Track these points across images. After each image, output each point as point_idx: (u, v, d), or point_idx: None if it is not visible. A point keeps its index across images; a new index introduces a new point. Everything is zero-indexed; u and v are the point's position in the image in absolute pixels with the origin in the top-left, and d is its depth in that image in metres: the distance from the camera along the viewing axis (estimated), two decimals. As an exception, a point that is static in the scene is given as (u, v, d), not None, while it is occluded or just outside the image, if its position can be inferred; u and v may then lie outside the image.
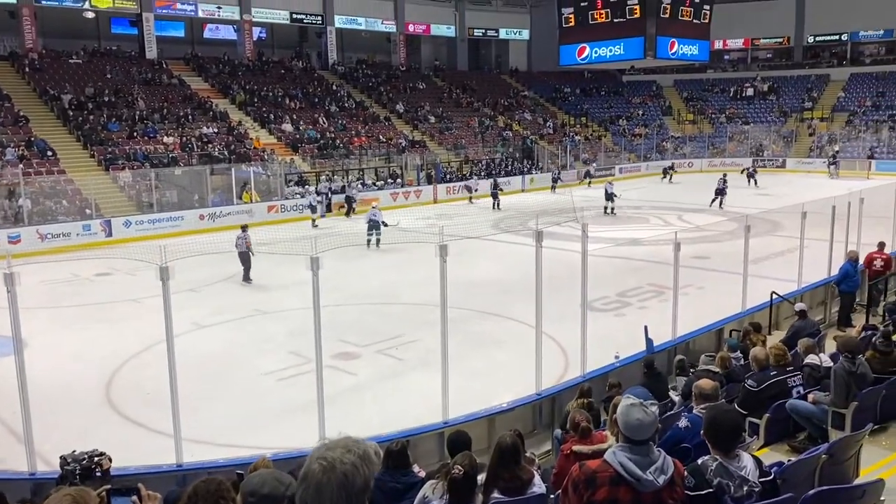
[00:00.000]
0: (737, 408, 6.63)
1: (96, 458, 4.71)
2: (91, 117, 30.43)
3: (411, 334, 12.49)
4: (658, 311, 12.90)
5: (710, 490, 3.40)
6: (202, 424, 8.92)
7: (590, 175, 39.62)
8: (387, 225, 21.72)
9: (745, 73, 53.67)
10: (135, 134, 30.52)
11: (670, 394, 8.64)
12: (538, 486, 4.56)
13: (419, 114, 42.80)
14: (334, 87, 42.06)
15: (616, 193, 28.39)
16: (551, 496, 4.72)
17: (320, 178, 31.64)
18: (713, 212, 26.89)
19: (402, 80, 46.51)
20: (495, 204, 30.90)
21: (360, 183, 32.02)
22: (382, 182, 33.95)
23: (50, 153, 27.34)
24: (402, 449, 5.14)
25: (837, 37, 51.69)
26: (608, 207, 28.16)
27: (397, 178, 34.50)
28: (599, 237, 17.01)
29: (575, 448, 5.44)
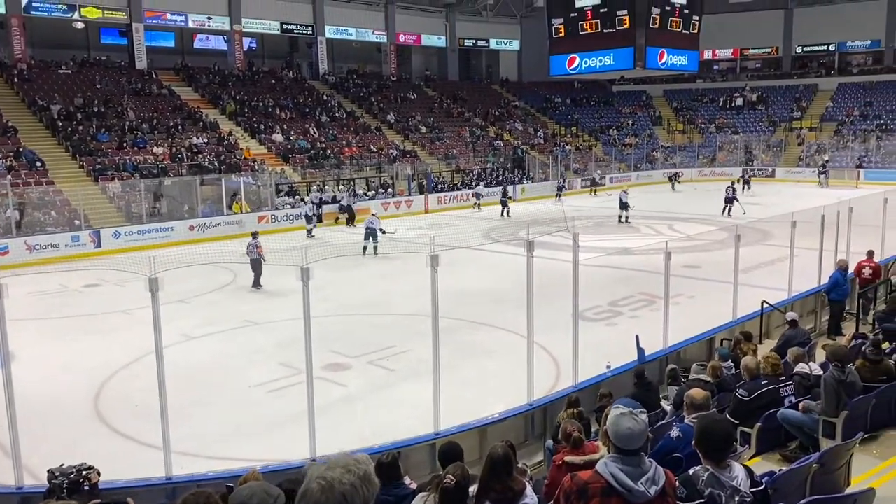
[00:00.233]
0: (728, 417, 6.65)
1: (84, 472, 4.67)
2: (80, 128, 30.31)
3: (402, 345, 12.43)
4: (649, 320, 12.92)
5: (702, 500, 3.39)
6: (192, 437, 8.86)
7: (595, 183, 39.60)
8: (384, 232, 21.81)
9: (735, 83, 54.05)
10: (124, 144, 30.42)
11: (662, 403, 8.63)
12: (530, 497, 4.52)
13: (410, 124, 42.86)
14: (325, 97, 42.07)
15: (630, 203, 27.90)
16: (543, 507, 4.69)
17: (311, 188, 31.60)
18: (710, 221, 26.80)
19: (392, 90, 46.59)
20: (504, 212, 30.84)
21: (347, 193, 31.78)
22: (374, 192, 33.94)
23: (39, 164, 27.20)
24: (393, 461, 5.09)
25: (825, 47, 52.26)
26: (622, 216, 27.75)
27: (388, 188, 34.53)
28: (591, 247, 17.07)
29: (567, 459, 5.42)
